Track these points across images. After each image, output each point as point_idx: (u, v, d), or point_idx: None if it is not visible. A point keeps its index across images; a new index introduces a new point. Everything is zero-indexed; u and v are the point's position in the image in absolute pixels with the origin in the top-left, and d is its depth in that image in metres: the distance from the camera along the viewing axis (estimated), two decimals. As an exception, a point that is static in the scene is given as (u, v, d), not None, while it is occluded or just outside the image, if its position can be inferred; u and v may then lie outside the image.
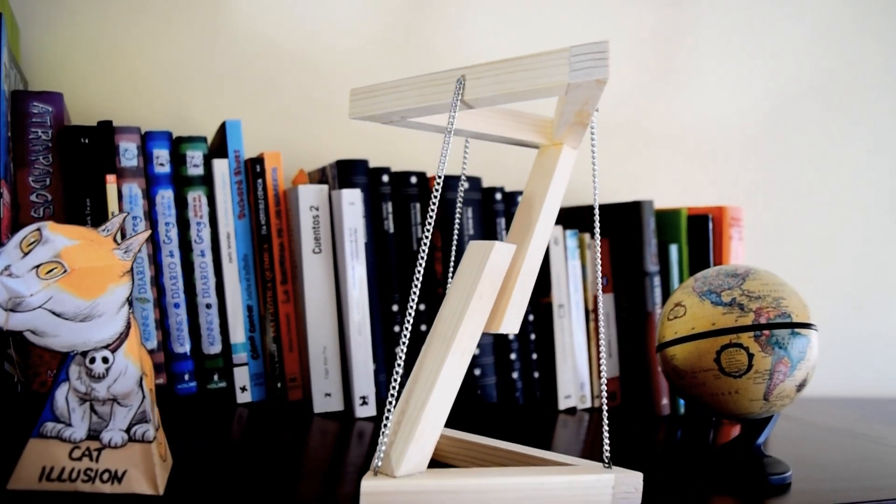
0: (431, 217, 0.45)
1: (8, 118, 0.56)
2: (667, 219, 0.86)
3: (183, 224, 0.67)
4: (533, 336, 0.82)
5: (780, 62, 1.11)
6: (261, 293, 0.69)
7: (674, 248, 0.85)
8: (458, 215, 0.56)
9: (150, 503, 0.39)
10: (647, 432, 0.72)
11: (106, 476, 0.39)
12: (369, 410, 0.68)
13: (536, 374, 0.82)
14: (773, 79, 1.11)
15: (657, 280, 0.83)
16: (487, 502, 0.43)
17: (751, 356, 0.55)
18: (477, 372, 0.78)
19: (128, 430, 0.41)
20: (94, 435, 0.40)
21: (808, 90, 1.13)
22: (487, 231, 0.81)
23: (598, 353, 0.84)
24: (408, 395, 0.44)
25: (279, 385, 0.70)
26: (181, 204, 0.66)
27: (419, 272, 0.45)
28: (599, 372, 0.84)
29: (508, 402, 0.80)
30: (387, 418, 0.42)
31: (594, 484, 0.46)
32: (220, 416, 0.63)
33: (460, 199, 0.60)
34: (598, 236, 0.51)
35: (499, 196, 0.81)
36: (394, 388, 0.42)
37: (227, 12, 0.84)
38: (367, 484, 0.40)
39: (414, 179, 0.77)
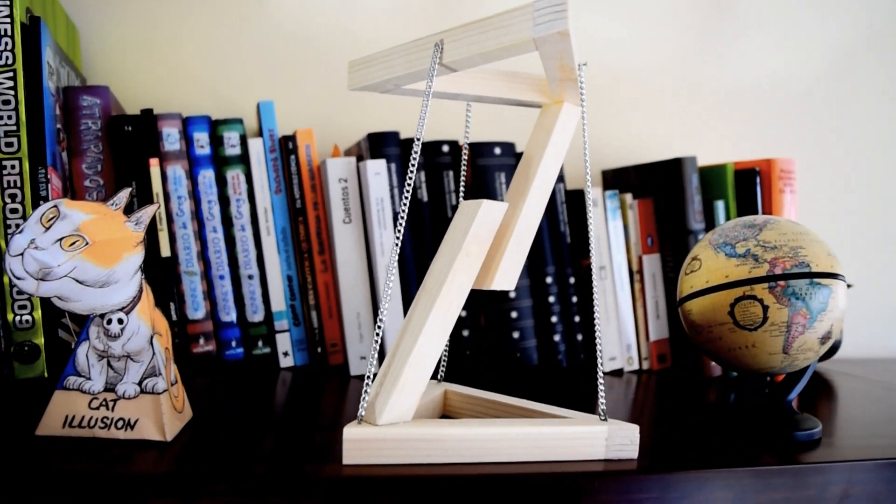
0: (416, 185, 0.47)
1: (56, 112, 0.62)
2: (713, 175, 0.83)
3: (224, 201, 0.71)
4: (575, 299, 0.82)
5: (836, 16, 1.04)
6: (299, 264, 0.73)
7: (720, 205, 0.82)
8: (462, 183, 0.57)
9: (158, 448, 0.43)
10: (695, 393, 0.70)
11: (120, 424, 0.44)
12: (403, 372, 0.71)
13: (580, 337, 0.82)
14: (829, 33, 1.04)
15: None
16: (468, 450, 0.44)
17: (765, 308, 0.53)
18: (516, 335, 0.79)
19: (140, 383, 0.45)
20: (110, 387, 0.45)
21: (866, 44, 1.05)
22: (523, 196, 0.81)
23: (645, 314, 0.83)
24: (395, 348, 0.46)
25: (319, 350, 0.74)
26: (221, 182, 0.71)
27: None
28: (647, 333, 0.84)
29: (551, 364, 0.81)
30: (369, 371, 0.44)
31: (586, 435, 0.46)
32: (261, 380, 0.67)
33: (464, 162, 0.61)
34: (589, 193, 0.50)
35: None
36: (376, 342, 0.45)
37: (257, 8, 0.88)
38: (350, 431, 0.43)
39: (446, 148, 0.78)
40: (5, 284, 0.56)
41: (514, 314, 0.78)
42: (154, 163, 0.67)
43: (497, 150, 0.79)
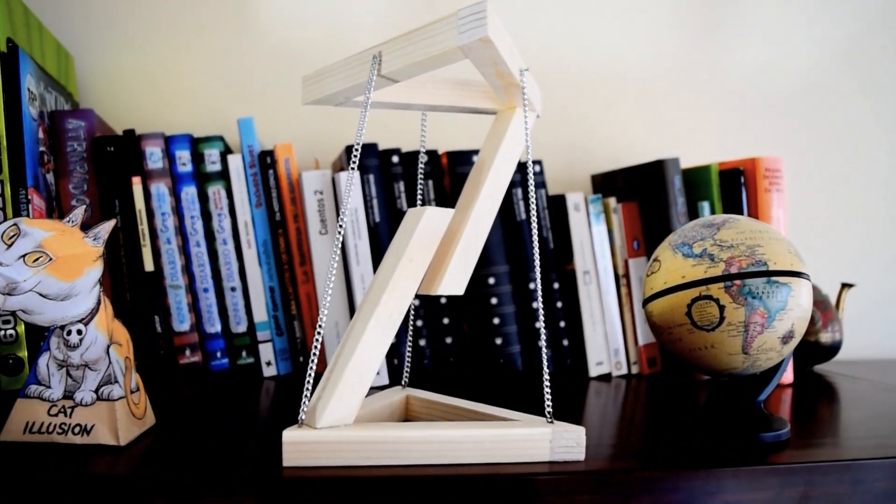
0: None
1: (40, 135, 0.65)
2: (697, 176, 0.83)
3: (206, 216, 0.74)
4: (560, 304, 0.82)
5: (823, 13, 1.02)
6: (280, 275, 0.75)
7: (705, 206, 0.81)
8: (419, 190, 0.58)
9: (113, 452, 0.45)
10: (679, 397, 0.70)
11: (77, 429, 0.46)
12: (381, 380, 0.72)
13: (566, 342, 0.82)
14: (816, 31, 1.02)
15: (688, 240, 0.80)
16: (408, 452, 0.45)
17: (722, 308, 0.53)
18: (498, 341, 0.79)
19: (97, 391, 0.47)
20: (68, 395, 0.47)
21: (852, 41, 1.03)
22: (504, 205, 0.82)
23: (633, 318, 0.83)
24: (337, 354, 0.47)
25: (301, 359, 0.75)
26: (203, 198, 0.74)
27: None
28: (636, 337, 0.83)
29: (537, 370, 0.81)
30: (309, 375, 0.46)
31: (529, 437, 0.47)
32: (243, 389, 0.69)
33: (421, 171, 0.61)
34: (532, 196, 0.51)
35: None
36: (315, 347, 0.46)
37: (246, 25, 0.91)
38: (289, 434, 0.44)
39: (425, 157, 0.79)
40: (-12, 300, 0.59)
41: (496, 320, 0.79)
42: (136, 181, 0.70)
43: (475, 158, 0.80)
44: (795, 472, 0.49)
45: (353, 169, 0.47)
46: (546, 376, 0.49)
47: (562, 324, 0.82)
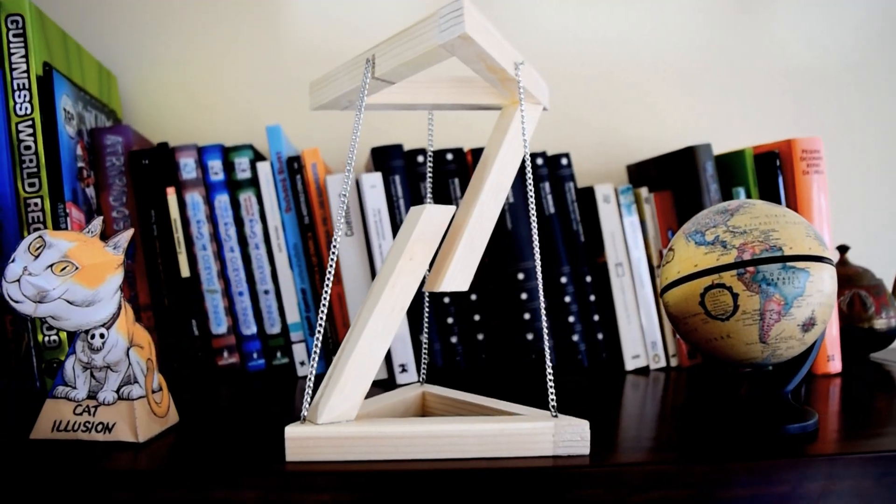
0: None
1: (78, 152, 0.69)
2: (731, 161, 0.80)
3: (239, 222, 0.76)
4: (592, 297, 0.81)
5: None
6: (311, 277, 0.77)
7: (741, 192, 0.79)
8: (428, 188, 0.59)
9: (132, 449, 0.48)
10: (718, 389, 0.68)
11: (100, 427, 0.49)
12: (409, 377, 0.73)
13: (601, 336, 0.81)
14: (854, 9, 0.97)
15: (724, 228, 0.78)
16: (409, 447, 0.46)
17: (735, 296, 0.51)
18: (530, 337, 0.79)
19: (118, 391, 0.50)
20: (92, 395, 0.50)
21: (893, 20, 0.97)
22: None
23: (670, 310, 0.81)
24: (341, 350, 0.48)
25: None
26: (235, 205, 0.76)
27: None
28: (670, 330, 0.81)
29: (571, 365, 0.80)
30: (311, 371, 0.47)
31: (531, 431, 0.47)
32: (277, 389, 0.71)
33: (429, 170, 0.62)
34: (531, 186, 0.50)
35: (540, 161, 0.81)
36: (317, 344, 0.47)
37: (277, 34, 0.93)
38: (291, 430, 0.45)
39: (450, 156, 0.80)
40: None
41: (526, 316, 0.79)
42: (170, 191, 0.73)
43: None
44: (816, 464, 0.47)
45: (348, 172, 0.49)
46: (549, 369, 0.48)
47: (595, 317, 0.81)
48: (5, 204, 0.62)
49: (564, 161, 0.82)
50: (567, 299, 0.80)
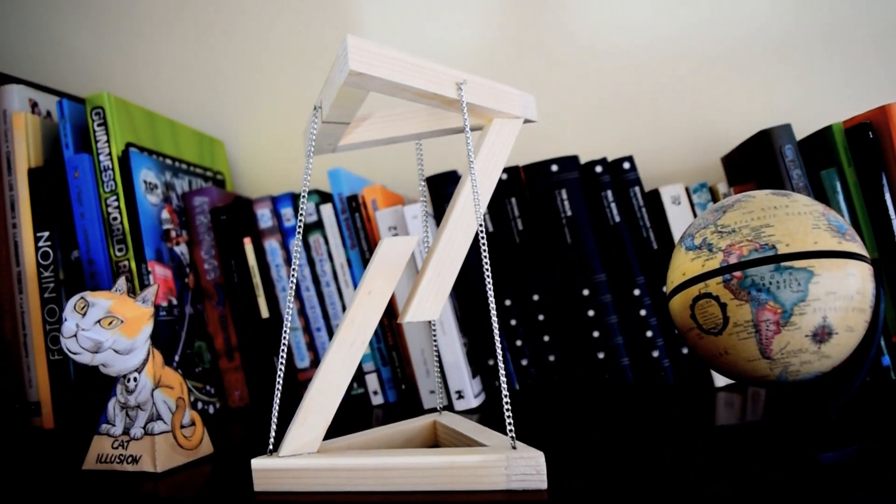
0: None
1: (163, 216, 0.79)
2: (818, 141, 0.69)
3: (311, 263, 0.82)
4: (671, 310, 0.74)
5: None
6: (377, 309, 0.80)
7: (832, 175, 0.67)
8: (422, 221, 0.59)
9: (152, 478, 0.54)
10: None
11: (130, 459, 0.56)
12: (466, 403, 0.72)
13: (685, 351, 0.74)
14: None
15: (815, 219, 0.67)
16: (365, 479, 0.46)
17: (723, 306, 0.44)
18: (601, 355, 0.74)
19: (144, 427, 0.56)
20: (126, 431, 0.57)
21: None
22: (594, 210, 0.77)
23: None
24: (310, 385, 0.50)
25: (403, 387, 0.79)
26: (307, 247, 0.82)
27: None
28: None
29: (654, 382, 0.74)
30: (276, 404, 0.49)
31: (482, 465, 0.44)
32: (350, 418, 0.75)
33: (425, 201, 0.62)
34: (480, 210, 0.48)
35: (599, 169, 0.77)
36: (279, 380, 0.49)
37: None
38: (256, 462, 0.48)
39: (505, 176, 0.79)
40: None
41: (596, 333, 0.74)
42: (247, 241, 0.81)
43: (554, 167, 0.77)
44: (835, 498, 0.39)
45: (301, 215, 0.51)
46: (505, 396, 0.46)
47: (676, 330, 0.74)
48: (101, 267, 0.73)
49: (627, 165, 0.76)
50: (643, 313, 0.74)
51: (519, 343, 0.77)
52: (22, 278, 0.75)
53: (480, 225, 0.49)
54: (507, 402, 0.46)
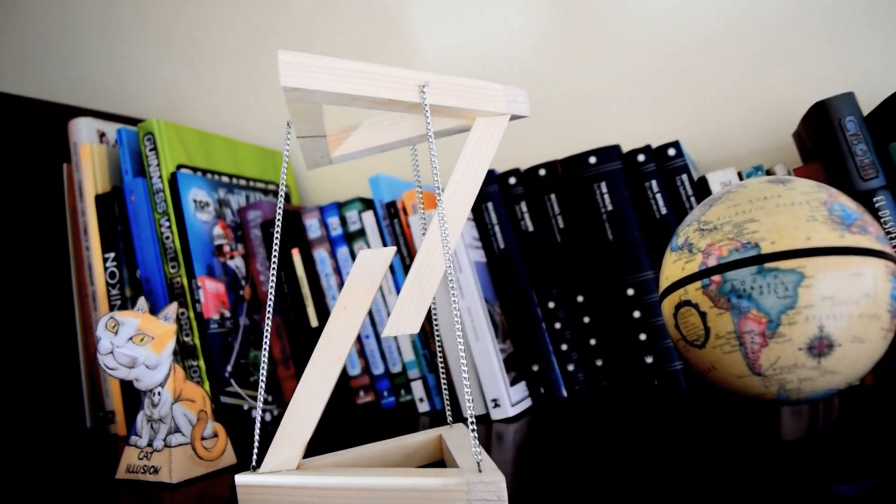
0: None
1: (216, 232, 0.83)
2: (886, 110, 0.59)
3: (357, 271, 0.82)
4: (728, 309, 0.67)
5: None
6: (420, 315, 0.79)
7: (904, 149, 0.57)
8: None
9: (169, 488, 0.56)
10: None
11: (152, 470, 0.58)
12: (502, 412, 0.69)
13: (746, 355, 0.66)
14: None
15: (886, 197, 0.58)
16: (331, 499, 0.45)
17: (703, 315, 0.39)
18: (649, 360, 0.68)
19: (164, 439, 0.59)
20: (150, 442, 0.60)
21: None
22: (638, 202, 0.71)
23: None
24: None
25: (447, 394, 0.77)
26: (353, 255, 0.82)
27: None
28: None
29: (705, 388, 0.67)
30: (261, 421, 0.49)
31: (441, 488, 0.42)
32: (392, 425, 0.74)
33: (420, 211, 0.59)
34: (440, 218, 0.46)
35: (642, 158, 0.71)
36: (260, 391, 0.49)
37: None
38: (239, 478, 0.48)
39: (543, 172, 0.75)
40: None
41: (643, 336, 0.69)
42: (295, 252, 0.83)
43: (592, 160, 0.72)
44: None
45: (276, 229, 0.51)
46: (470, 414, 0.43)
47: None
48: (156, 285, 0.78)
49: (672, 151, 0.70)
50: (696, 313, 0.68)
51: (564, 347, 0.73)
52: (95, 297, 0.82)
53: (449, 237, 0.46)
54: (471, 419, 0.43)
